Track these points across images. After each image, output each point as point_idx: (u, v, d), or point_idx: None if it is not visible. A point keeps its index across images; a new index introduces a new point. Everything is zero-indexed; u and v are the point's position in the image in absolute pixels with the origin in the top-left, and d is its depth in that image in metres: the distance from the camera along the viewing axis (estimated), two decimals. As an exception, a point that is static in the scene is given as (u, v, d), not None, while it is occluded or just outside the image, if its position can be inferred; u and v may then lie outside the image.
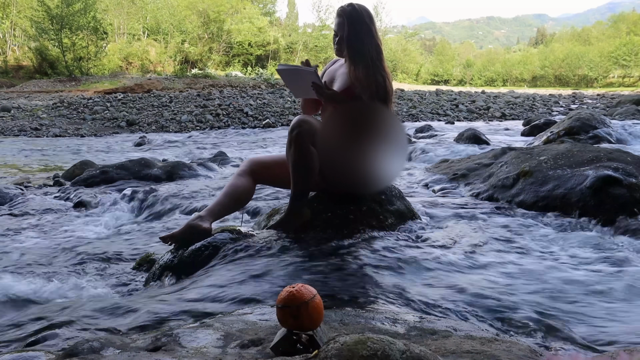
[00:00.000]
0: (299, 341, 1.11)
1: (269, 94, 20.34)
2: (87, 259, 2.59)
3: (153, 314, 1.62)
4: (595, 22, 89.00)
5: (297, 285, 1.12)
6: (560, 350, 1.38)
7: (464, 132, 7.46)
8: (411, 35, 79.31)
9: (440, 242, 2.30)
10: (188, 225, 2.29)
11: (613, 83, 56.97)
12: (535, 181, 3.09)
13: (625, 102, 14.02)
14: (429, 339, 1.29)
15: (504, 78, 65.30)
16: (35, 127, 12.90)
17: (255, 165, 2.51)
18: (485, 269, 2.03)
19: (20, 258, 2.62)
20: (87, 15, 32.86)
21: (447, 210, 2.99)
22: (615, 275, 1.98)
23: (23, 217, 3.62)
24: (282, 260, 2.00)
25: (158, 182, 4.60)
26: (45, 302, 1.97)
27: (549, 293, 1.82)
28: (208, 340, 1.24)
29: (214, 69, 38.85)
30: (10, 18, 35.05)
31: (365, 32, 2.34)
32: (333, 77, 2.49)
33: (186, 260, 2.18)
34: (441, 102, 19.65)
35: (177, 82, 28.07)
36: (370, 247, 2.12)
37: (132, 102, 17.48)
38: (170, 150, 8.96)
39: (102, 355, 1.14)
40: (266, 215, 2.72)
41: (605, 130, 6.25)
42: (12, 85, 28.38)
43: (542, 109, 17.98)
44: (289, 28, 55.67)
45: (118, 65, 37.46)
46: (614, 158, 3.06)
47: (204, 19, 44.40)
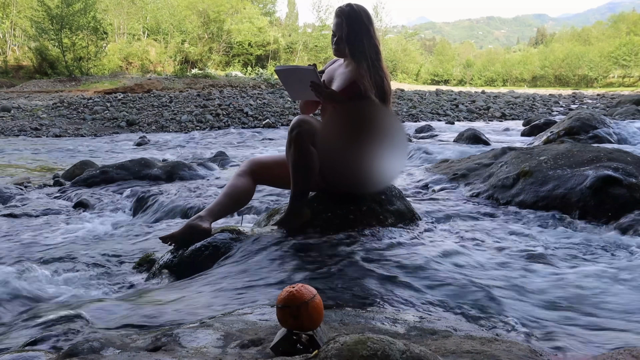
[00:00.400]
0: (299, 341, 1.11)
1: (269, 94, 20.34)
2: (87, 258, 2.59)
3: (153, 313, 1.62)
4: (595, 22, 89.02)
5: (297, 285, 1.12)
6: (561, 350, 1.38)
7: (464, 132, 7.46)
8: (411, 35, 79.41)
9: (440, 242, 2.30)
10: (188, 226, 2.29)
11: (613, 83, 56.98)
12: (535, 181, 3.09)
13: (625, 102, 14.03)
14: (429, 339, 1.29)
15: (504, 78, 65.31)
16: (35, 127, 12.90)
17: (256, 166, 2.51)
18: (486, 268, 2.03)
19: (19, 258, 2.62)
20: (87, 15, 32.86)
21: (447, 211, 2.99)
22: (616, 275, 1.98)
23: (23, 217, 3.62)
24: (282, 260, 2.00)
25: (158, 182, 4.60)
26: (45, 301, 1.97)
27: (549, 293, 1.82)
28: (208, 340, 1.24)
29: (214, 69, 38.86)
30: (10, 18, 35.05)
31: (363, 32, 2.34)
32: (332, 76, 2.49)
33: (186, 260, 2.18)
34: (441, 102, 19.66)
35: (177, 82, 28.07)
36: (370, 247, 2.12)
37: (132, 102, 17.48)
38: (170, 150, 8.96)
39: (102, 355, 1.14)
40: (266, 215, 2.72)
41: (605, 130, 6.24)
42: (12, 85, 28.38)
43: (542, 109, 17.99)
44: (289, 28, 55.69)
45: (118, 65, 37.46)
46: (614, 158, 3.06)
47: (204, 19, 44.41)
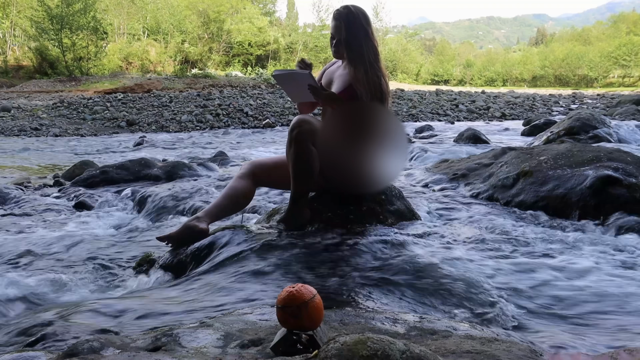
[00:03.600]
0: (299, 341, 1.11)
1: (269, 94, 20.34)
2: (87, 258, 2.59)
3: (153, 313, 1.62)
4: (595, 22, 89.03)
5: (297, 285, 1.12)
6: (561, 350, 1.38)
7: (464, 132, 7.46)
8: (411, 35, 79.42)
9: (440, 242, 2.30)
10: (185, 226, 2.29)
11: (613, 83, 56.97)
12: (535, 181, 3.09)
13: (625, 102, 14.03)
14: (429, 339, 1.29)
15: (504, 78, 65.29)
16: (35, 127, 12.90)
17: (256, 168, 2.51)
18: (485, 269, 2.03)
19: (19, 258, 2.62)
20: (87, 15, 32.88)
21: (447, 211, 2.99)
22: (616, 275, 1.98)
23: (23, 217, 3.62)
24: (282, 260, 2.00)
25: (158, 182, 4.60)
26: (45, 301, 1.97)
27: (549, 293, 1.82)
28: (208, 340, 1.24)
29: (214, 69, 38.87)
30: (10, 18, 35.06)
31: (362, 34, 2.34)
32: (331, 78, 2.49)
33: (186, 260, 2.18)
34: (441, 102, 19.66)
35: (177, 82, 28.08)
36: (371, 247, 2.12)
37: (132, 102, 17.48)
38: (170, 150, 8.96)
39: (102, 355, 1.14)
40: (266, 215, 2.72)
41: (605, 130, 6.24)
42: (12, 85, 28.38)
43: (542, 109, 17.99)
44: (289, 28, 55.71)
45: (118, 65, 37.47)
46: (614, 158, 3.05)
47: (204, 19, 44.43)
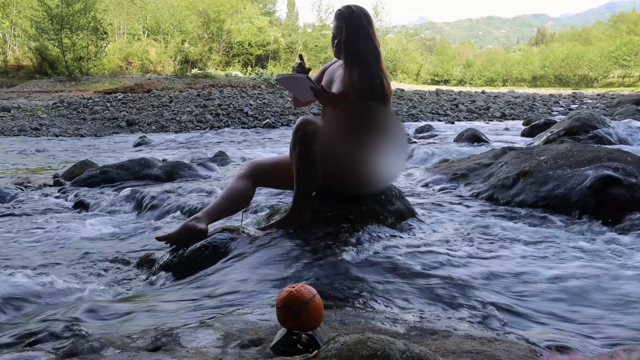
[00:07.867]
0: (299, 341, 1.11)
1: (269, 94, 20.33)
2: (87, 258, 2.59)
3: (153, 313, 1.62)
4: (595, 22, 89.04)
5: (297, 285, 1.12)
6: (560, 350, 1.38)
7: (464, 132, 7.46)
8: (411, 35, 79.40)
9: (440, 242, 2.30)
10: (184, 227, 2.29)
11: (613, 83, 56.96)
12: (535, 181, 3.09)
13: (625, 102, 14.03)
14: (429, 339, 1.29)
15: (504, 78, 65.30)
16: (35, 127, 12.89)
17: (256, 168, 2.51)
18: (485, 269, 2.03)
19: (19, 258, 2.62)
20: (87, 15, 32.84)
21: (447, 210, 2.99)
22: (616, 275, 1.98)
23: (23, 217, 3.62)
24: (282, 260, 2.00)
25: (158, 182, 4.59)
26: (45, 301, 1.97)
27: (549, 293, 1.82)
28: (208, 340, 1.24)
29: (214, 69, 38.83)
30: (10, 18, 35.05)
31: (363, 35, 2.34)
32: (332, 78, 2.49)
33: (186, 260, 2.18)
34: (441, 102, 19.65)
35: (177, 82, 28.05)
36: (371, 247, 2.12)
37: (132, 102, 17.47)
38: (170, 150, 8.96)
39: (102, 355, 1.14)
40: (266, 215, 2.72)
41: (605, 130, 6.24)
42: (12, 85, 28.37)
43: (542, 108, 17.99)
44: (289, 28, 55.71)
45: (118, 65, 37.45)
46: (614, 158, 3.05)
47: (204, 19, 44.42)
